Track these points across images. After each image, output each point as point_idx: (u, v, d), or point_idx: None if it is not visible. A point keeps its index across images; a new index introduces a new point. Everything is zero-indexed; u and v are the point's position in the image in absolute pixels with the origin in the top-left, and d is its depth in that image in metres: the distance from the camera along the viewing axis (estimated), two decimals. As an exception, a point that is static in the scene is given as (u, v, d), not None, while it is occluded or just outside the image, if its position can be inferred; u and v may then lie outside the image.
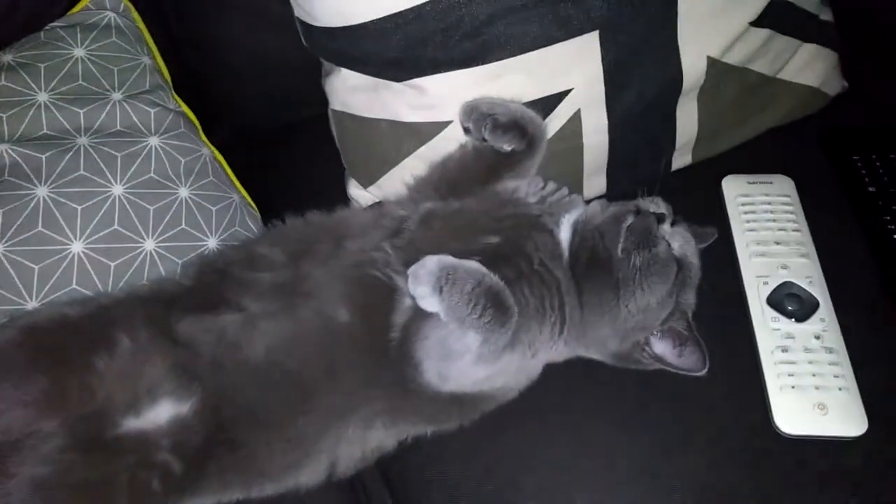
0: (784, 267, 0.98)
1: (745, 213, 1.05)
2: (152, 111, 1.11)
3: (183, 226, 1.04)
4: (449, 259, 0.81)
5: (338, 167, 1.17)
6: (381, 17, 0.96)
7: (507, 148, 0.97)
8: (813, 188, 1.08)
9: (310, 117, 1.21)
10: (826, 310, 0.94)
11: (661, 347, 0.91)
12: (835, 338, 0.92)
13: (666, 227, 0.94)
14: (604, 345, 0.92)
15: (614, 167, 1.12)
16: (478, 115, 0.96)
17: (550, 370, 0.92)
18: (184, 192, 1.07)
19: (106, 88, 1.11)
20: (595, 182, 1.12)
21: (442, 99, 1.00)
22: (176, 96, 1.20)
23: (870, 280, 1.00)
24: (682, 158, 1.15)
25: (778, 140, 1.16)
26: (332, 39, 1.03)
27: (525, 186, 0.99)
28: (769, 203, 1.06)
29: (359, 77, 1.06)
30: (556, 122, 1.02)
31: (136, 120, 1.09)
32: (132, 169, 1.05)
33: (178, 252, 1.03)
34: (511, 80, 0.98)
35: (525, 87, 0.99)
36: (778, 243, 1.01)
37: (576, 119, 1.02)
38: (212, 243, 1.08)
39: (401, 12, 0.96)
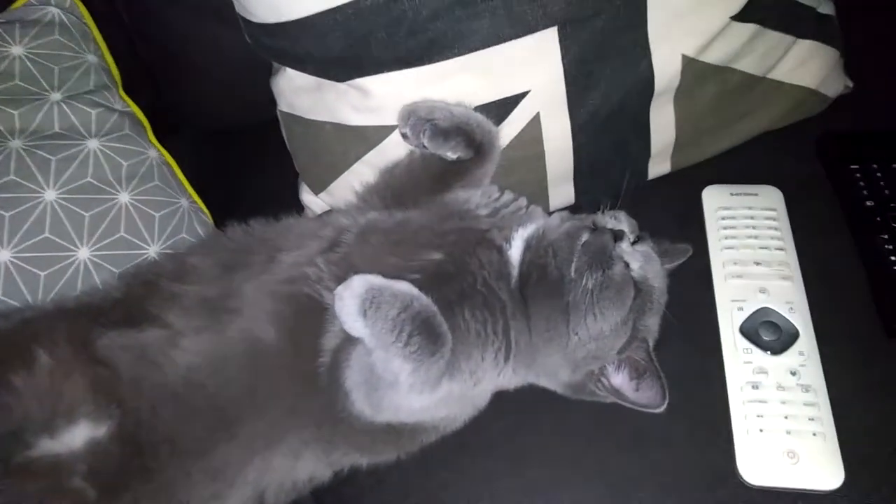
0: (762, 291, 0.90)
1: (725, 227, 0.98)
2: (94, 112, 1.06)
3: (121, 233, 1.00)
4: (377, 280, 0.75)
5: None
6: (317, 12, 0.89)
7: (453, 156, 0.91)
8: (804, 201, 1.00)
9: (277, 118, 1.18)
10: (806, 341, 0.86)
11: (619, 380, 0.84)
12: (814, 374, 0.83)
13: (624, 245, 0.87)
14: (554, 374, 0.86)
15: (582, 176, 1.05)
16: (416, 120, 0.90)
17: (499, 398, 0.87)
18: (124, 198, 1.02)
19: (44, 88, 1.06)
20: (562, 191, 1.06)
21: (386, 101, 0.94)
22: (125, 96, 1.15)
23: (861, 308, 0.91)
24: (659, 166, 1.08)
25: (769, 147, 1.08)
26: (271, 36, 0.97)
27: (477, 197, 0.92)
28: (751, 217, 0.98)
29: (303, 77, 1.01)
30: (513, 126, 0.96)
31: (75, 121, 1.04)
32: (67, 173, 1.00)
33: (116, 261, 0.99)
34: (461, 81, 0.92)
35: (477, 89, 0.93)
36: (758, 263, 0.93)
37: (535, 124, 0.96)
38: (153, 251, 1.03)
39: (338, 7, 0.88)
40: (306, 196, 1.12)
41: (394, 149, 0.96)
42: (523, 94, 0.94)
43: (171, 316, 0.82)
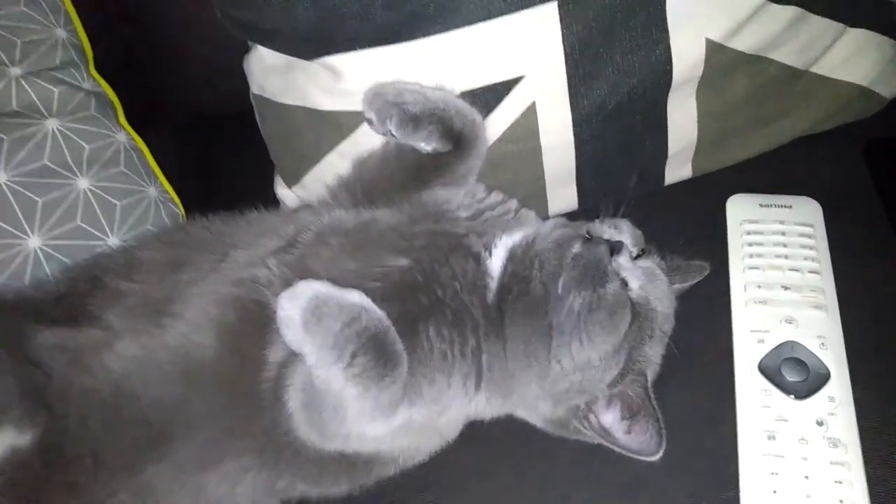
0: (789, 321, 0.80)
1: (751, 244, 0.87)
2: (56, 90, 0.99)
3: (78, 222, 0.93)
4: (323, 288, 0.67)
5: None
6: (284, -22, 0.80)
7: (427, 147, 0.83)
8: (846, 216, 0.90)
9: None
10: (839, 385, 0.75)
11: (609, 418, 0.75)
12: (845, 426, 0.72)
13: (622, 259, 0.76)
14: (533, 407, 0.78)
15: (586, 177, 0.94)
16: (382, 104, 0.81)
17: (471, 428, 0.79)
18: (83, 184, 0.95)
19: (4, 62, 0.99)
20: (562, 195, 0.97)
21: (359, 84, 0.84)
22: (95, 75, 1.07)
23: (909, 347, 0.80)
24: (678, 170, 0.99)
25: (808, 152, 0.99)
26: (239, 8, 0.89)
27: (459, 197, 0.84)
28: (783, 233, 0.88)
29: (273, 56, 0.92)
30: (504, 117, 0.87)
31: (34, 98, 0.97)
32: (21, 154, 0.93)
33: (70, 252, 0.92)
34: (444, 62, 0.84)
35: (462, 73, 0.84)
36: (786, 288, 0.83)
37: (531, 114, 0.87)
38: (112, 242, 0.95)
39: (305, -26, 0.80)
40: (280, 189, 1.04)
41: (369, 139, 0.88)
42: (517, 80, 0.85)
43: (112, 316, 0.78)
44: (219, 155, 1.25)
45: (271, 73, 0.94)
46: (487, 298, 0.76)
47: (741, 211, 0.91)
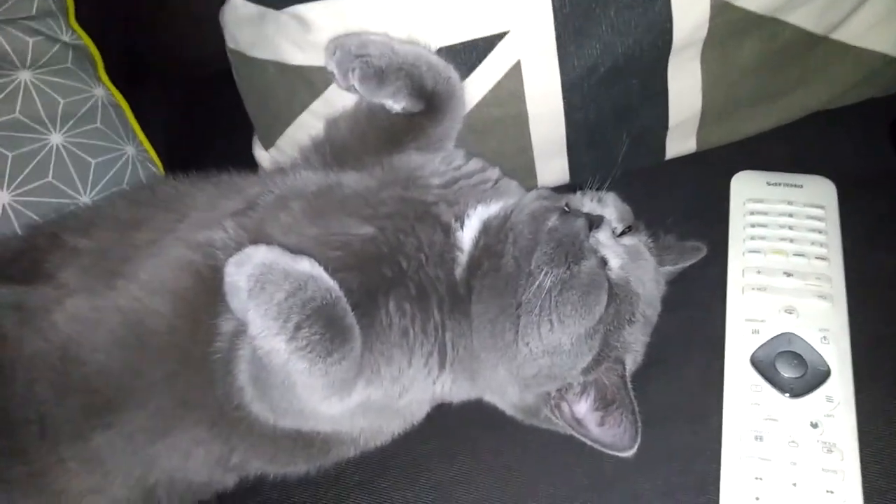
0: (789, 311, 0.74)
1: (753, 224, 0.82)
2: (31, 40, 0.96)
3: (49, 178, 0.92)
4: (271, 254, 0.65)
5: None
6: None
7: (395, 106, 0.79)
8: (863, 199, 0.84)
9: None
10: (839, 384, 0.69)
11: (582, 408, 0.71)
12: (843, 429, 0.67)
13: (602, 235, 0.71)
14: (501, 392, 0.74)
15: (577, 148, 0.89)
16: (343, 56, 0.76)
17: (435, 409, 0.77)
18: (56, 139, 0.94)
19: (-25, 11, 0.97)
20: (553, 166, 0.91)
21: (330, 36, 0.80)
22: (76, 26, 1.05)
23: (922, 343, 0.75)
24: (681, 143, 0.93)
25: (825, 128, 0.93)
26: None
27: (435, 163, 0.80)
28: (790, 214, 0.82)
29: (246, 5, 0.88)
30: (486, 77, 0.82)
31: (7, 49, 0.95)
32: None
33: (40, 209, 0.90)
34: (420, 14, 0.79)
35: (440, 26, 0.79)
36: (789, 274, 0.77)
37: (515, 75, 0.82)
38: (85, 201, 0.94)
39: None
40: (258, 152, 1.00)
41: (342, 98, 0.83)
42: (500, 36, 0.79)
43: (66, 274, 0.76)
44: (208, 114, 1.22)
45: (244, 24, 0.90)
46: (455, 273, 0.72)
47: (746, 189, 0.85)
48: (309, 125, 0.88)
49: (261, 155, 0.99)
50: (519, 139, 0.87)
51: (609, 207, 0.74)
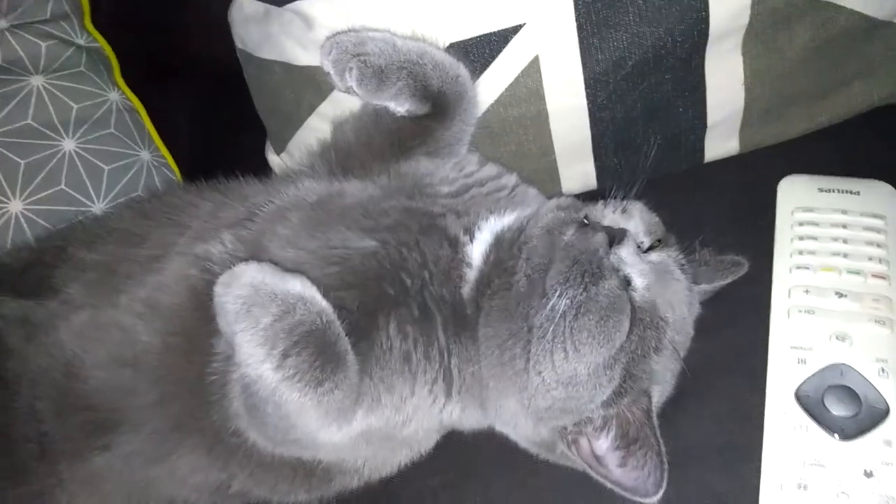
0: (841, 338, 0.67)
1: (802, 237, 0.75)
2: (44, 44, 0.97)
3: (62, 185, 0.93)
4: (260, 273, 0.62)
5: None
6: None
7: (399, 109, 0.74)
8: None
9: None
10: None
11: (602, 445, 0.66)
12: None
13: (624, 252, 0.66)
14: (513, 424, 0.70)
15: (604, 150, 0.84)
16: (339, 54, 0.72)
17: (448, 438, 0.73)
18: (69, 145, 0.95)
19: (-11, 16, 0.99)
20: (577, 170, 0.86)
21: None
22: (91, 28, 1.05)
23: None
24: (721, 144, 0.87)
25: (887, 126, 0.86)
26: None
27: (445, 169, 0.77)
28: (844, 225, 0.75)
29: (251, 4, 0.86)
30: (503, 75, 0.79)
31: (21, 54, 0.97)
32: (2, 113, 0.93)
33: (52, 217, 0.92)
34: (428, 9, 0.75)
35: (450, 21, 0.75)
36: (841, 295, 0.69)
37: (533, 71, 0.77)
38: (98, 209, 0.95)
39: None
40: (270, 156, 0.98)
41: (351, 100, 0.79)
42: (515, 29, 0.75)
43: (72, 289, 0.75)
44: (233, 117, 1.17)
45: (250, 23, 0.88)
46: (463, 291, 0.68)
47: (795, 196, 0.79)
48: (318, 129, 0.86)
49: (273, 160, 0.97)
50: (539, 141, 0.83)
51: (634, 219, 0.69)
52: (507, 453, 0.70)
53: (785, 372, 0.67)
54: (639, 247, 0.67)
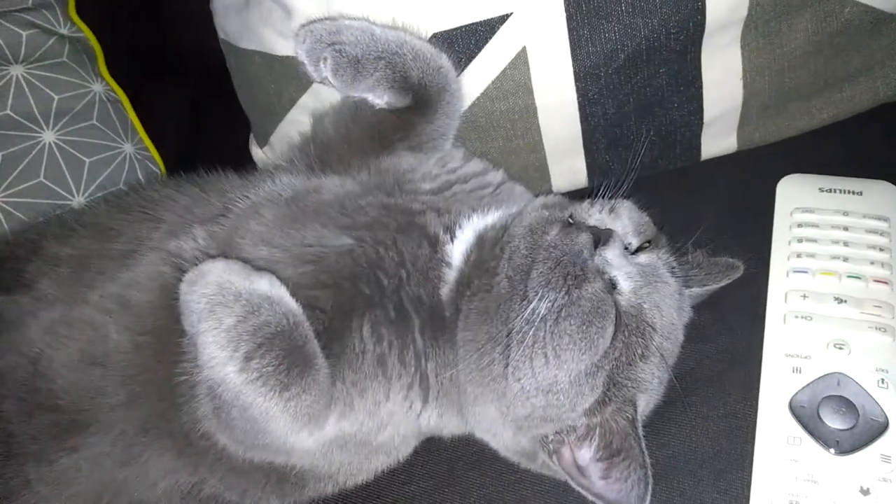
0: (839, 346, 0.65)
1: (800, 239, 0.73)
2: (24, 33, 0.96)
3: (41, 178, 0.92)
4: (227, 271, 0.61)
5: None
6: None
7: (378, 101, 0.72)
8: None
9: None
10: None
11: (584, 455, 0.63)
12: None
13: (610, 253, 0.63)
14: (492, 431, 0.67)
15: (595, 147, 0.82)
16: (313, 43, 0.69)
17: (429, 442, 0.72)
18: (48, 137, 0.93)
19: (-32, 3, 0.98)
20: (567, 166, 0.84)
21: None
22: (76, 18, 1.03)
23: None
24: (719, 141, 0.85)
25: (890, 124, 0.84)
26: None
27: (428, 165, 0.75)
28: (845, 227, 0.73)
29: None
30: (489, 66, 0.77)
31: (0, 43, 0.94)
32: None
33: (31, 210, 0.90)
34: None
35: (433, 10, 0.73)
36: (841, 301, 0.67)
37: (520, 63, 0.75)
38: (78, 202, 0.93)
39: None
40: (254, 149, 0.96)
41: (332, 92, 0.77)
42: (502, 19, 0.73)
43: (44, 284, 0.74)
44: (223, 109, 1.14)
45: (231, 12, 0.86)
46: (442, 292, 0.66)
47: (795, 196, 0.77)
48: (300, 122, 0.85)
49: (256, 153, 0.95)
50: (528, 136, 0.81)
51: (622, 219, 0.66)
52: (488, 461, 0.68)
53: (779, 381, 0.64)
54: (626, 248, 0.64)
